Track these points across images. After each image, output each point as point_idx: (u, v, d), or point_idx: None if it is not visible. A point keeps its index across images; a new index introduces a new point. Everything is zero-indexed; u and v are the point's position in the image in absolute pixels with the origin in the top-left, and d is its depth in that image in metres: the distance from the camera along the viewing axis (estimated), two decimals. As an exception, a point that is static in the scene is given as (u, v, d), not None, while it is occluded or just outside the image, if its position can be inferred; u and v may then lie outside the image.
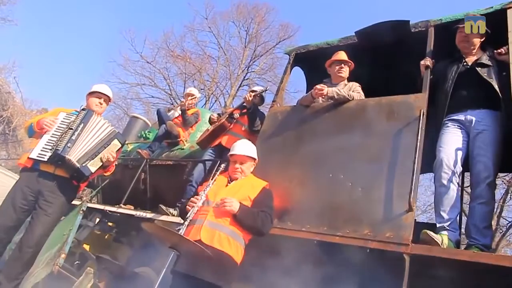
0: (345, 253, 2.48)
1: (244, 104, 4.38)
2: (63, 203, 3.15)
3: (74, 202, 5.12)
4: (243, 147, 2.92)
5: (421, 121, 2.64)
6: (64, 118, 3.27)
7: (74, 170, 3.12)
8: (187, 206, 2.62)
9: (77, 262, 5.01)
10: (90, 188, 5.76)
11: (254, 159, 2.92)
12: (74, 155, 3.09)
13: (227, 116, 4.45)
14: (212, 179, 2.74)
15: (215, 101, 18.73)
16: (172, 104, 15.89)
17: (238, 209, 2.48)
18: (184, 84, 18.19)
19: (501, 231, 12.08)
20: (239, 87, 18.72)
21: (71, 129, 3.18)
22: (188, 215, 2.52)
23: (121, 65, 19.53)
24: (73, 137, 3.14)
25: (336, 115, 3.17)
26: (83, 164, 3.12)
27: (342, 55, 3.55)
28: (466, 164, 2.71)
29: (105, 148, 3.26)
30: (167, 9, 32.64)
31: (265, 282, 2.63)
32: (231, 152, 2.92)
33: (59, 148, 3.06)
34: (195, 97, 5.59)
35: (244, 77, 19.08)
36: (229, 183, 2.73)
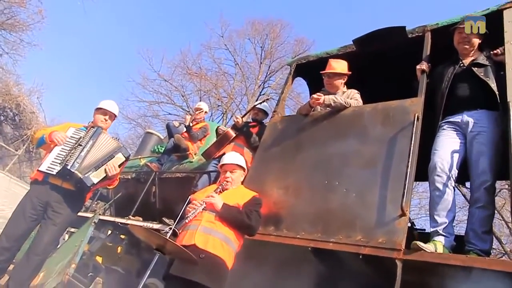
0: (338, 260, 2.45)
1: (236, 125, 4.43)
2: (69, 214, 3.27)
3: (86, 214, 5.32)
4: (232, 157, 3.03)
5: (415, 125, 2.61)
6: (73, 134, 3.41)
7: (78, 181, 3.23)
8: (188, 208, 2.69)
9: (90, 273, 5.12)
10: (104, 201, 5.91)
11: (244, 168, 3.00)
12: (79, 168, 3.22)
13: (232, 125, 4.52)
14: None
15: (231, 116, 18.95)
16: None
17: (222, 206, 2.57)
18: (200, 101, 18.56)
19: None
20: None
21: (81, 145, 3.31)
22: (189, 214, 2.58)
23: (140, 84, 20.17)
24: (82, 154, 3.27)
25: (333, 123, 3.17)
26: (86, 175, 3.23)
27: (331, 66, 3.47)
28: (466, 168, 2.64)
29: (109, 160, 3.36)
30: (184, 28, 33.67)
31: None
32: (221, 163, 3.03)
33: (68, 163, 3.19)
34: (203, 111, 5.70)
35: (260, 92, 19.28)
36: (220, 193, 2.77)
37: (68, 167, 3.16)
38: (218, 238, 2.52)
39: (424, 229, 3.87)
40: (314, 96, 3.25)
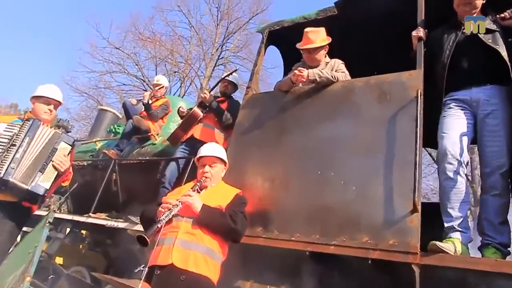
0: (342, 265, 2.15)
1: (203, 102, 3.91)
2: (12, 230, 2.71)
3: (39, 212, 4.69)
4: (211, 148, 2.58)
5: (419, 103, 2.27)
6: (5, 131, 2.73)
7: (24, 193, 2.64)
8: (160, 209, 2.25)
9: (51, 276, 4.60)
10: (58, 194, 5.25)
11: (225, 162, 2.56)
12: (20, 176, 2.61)
13: (198, 103, 4.01)
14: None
15: (190, 83, 18.05)
16: (145, 90, 15.14)
17: (201, 209, 2.17)
18: (155, 69, 17.37)
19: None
20: (214, 67, 18.00)
21: (14, 145, 2.66)
22: (162, 217, 2.14)
23: (88, 53, 18.44)
24: (17, 155, 2.62)
25: (320, 101, 2.77)
26: (33, 183, 2.64)
27: (309, 39, 2.98)
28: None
29: (53, 155, 2.76)
30: (132, -11, 30.83)
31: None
32: (198, 155, 2.56)
33: (1, 171, 2.56)
34: (163, 86, 5.08)
35: (219, 56, 18.34)
36: (198, 192, 2.33)
37: (1, 176, 2.54)
38: (200, 252, 2.12)
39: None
40: (296, 71, 2.81)
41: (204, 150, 2.55)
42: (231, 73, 3.99)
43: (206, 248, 2.14)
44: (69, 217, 4.42)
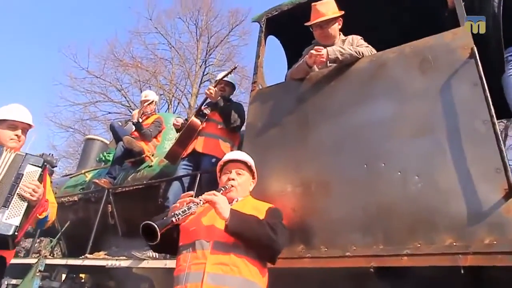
0: (420, 280, 1.65)
1: (209, 100, 3.44)
2: None
3: (28, 260, 4.10)
4: (238, 153, 2.09)
5: (478, 63, 1.83)
6: None
7: None
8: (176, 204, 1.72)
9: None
10: (49, 236, 4.66)
11: (253, 173, 2.05)
12: None
13: (195, 113, 3.52)
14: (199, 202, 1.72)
15: (178, 103, 17.51)
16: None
17: (230, 213, 1.63)
18: (140, 92, 16.83)
19: None
20: (200, 83, 17.57)
21: None
22: (179, 211, 1.59)
23: (69, 86, 17.81)
24: None
25: (346, 83, 2.31)
26: None
27: (319, 13, 2.57)
28: None
29: (18, 183, 2.20)
30: (106, 16, 30.39)
31: None
32: (223, 161, 2.04)
33: None
34: (153, 101, 4.58)
35: (203, 72, 17.92)
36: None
37: None
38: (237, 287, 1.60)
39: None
40: (313, 51, 2.36)
41: (229, 155, 2.08)
42: (229, 73, 3.51)
43: (243, 280, 1.62)
44: (63, 261, 3.83)
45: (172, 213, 1.58)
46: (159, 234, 1.45)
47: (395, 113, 2.01)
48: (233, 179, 1.89)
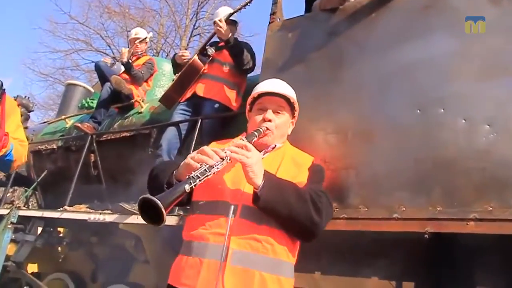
0: (489, 251, 1.34)
1: (218, 38, 2.95)
2: None
3: (0, 210, 3.69)
4: (278, 84, 1.57)
5: None
6: None
7: None
8: (191, 161, 1.24)
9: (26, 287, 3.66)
10: (23, 185, 4.22)
11: (295, 110, 1.58)
12: None
13: (198, 52, 3.05)
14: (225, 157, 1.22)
15: (166, 56, 16.59)
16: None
17: (264, 177, 1.22)
18: (127, 42, 15.87)
19: None
20: (190, 37, 16.66)
21: None
22: (196, 173, 1.14)
23: (49, 31, 16.59)
24: None
25: (392, 13, 1.89)
26: None
27: None
28: None
29: None
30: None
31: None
32: (256, 92, 1.54)
33: None
34: (144, 39, 4.04)
35: (194, 26, 16.95)
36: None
37: None
38: (269, 272, 1.21)
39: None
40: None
41: (265, 85, 1.55)
42: (246, 5, 2.87)
43: (279, 264, 1.25)
44: (39, 213, 3.42)
45: (187, 176, 1.13)
46: (164, 214, 0.99)
47: (458, 51, 1.62)
48: (269, 120, 1.44)
